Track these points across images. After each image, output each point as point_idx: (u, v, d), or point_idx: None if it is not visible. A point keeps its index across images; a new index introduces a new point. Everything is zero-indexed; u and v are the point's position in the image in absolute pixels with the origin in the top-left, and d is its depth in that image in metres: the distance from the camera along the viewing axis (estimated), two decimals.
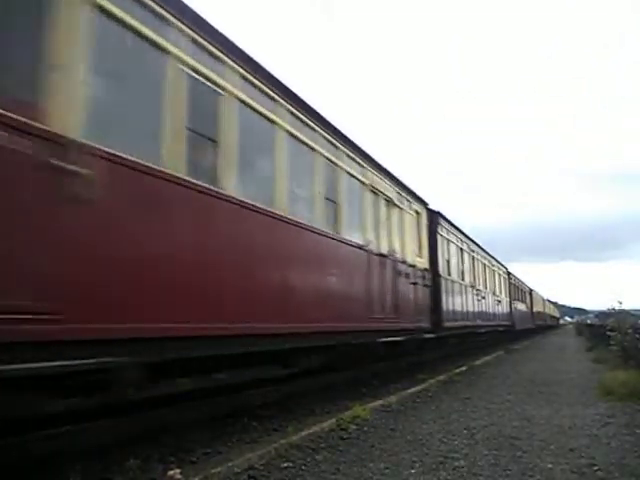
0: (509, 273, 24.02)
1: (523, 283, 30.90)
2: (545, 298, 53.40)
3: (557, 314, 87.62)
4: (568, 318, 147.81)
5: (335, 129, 6.64)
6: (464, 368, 10.64)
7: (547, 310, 54.51)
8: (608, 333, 10.89)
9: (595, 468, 3.63)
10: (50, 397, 3.23)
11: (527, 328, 29.26)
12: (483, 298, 16.04)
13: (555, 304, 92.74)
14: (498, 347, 17.85)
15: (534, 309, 35.19)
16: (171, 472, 3.25)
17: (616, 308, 12.24)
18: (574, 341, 26.88)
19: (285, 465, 3.71)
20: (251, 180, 5.05)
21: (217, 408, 5.32)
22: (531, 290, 34.93)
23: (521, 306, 27.28)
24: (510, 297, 22.85)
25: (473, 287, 14.85)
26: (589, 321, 44.06)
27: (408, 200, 9.66)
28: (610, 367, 9.75)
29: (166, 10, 3.82)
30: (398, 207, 8.94)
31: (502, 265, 22.32)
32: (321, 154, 6.22)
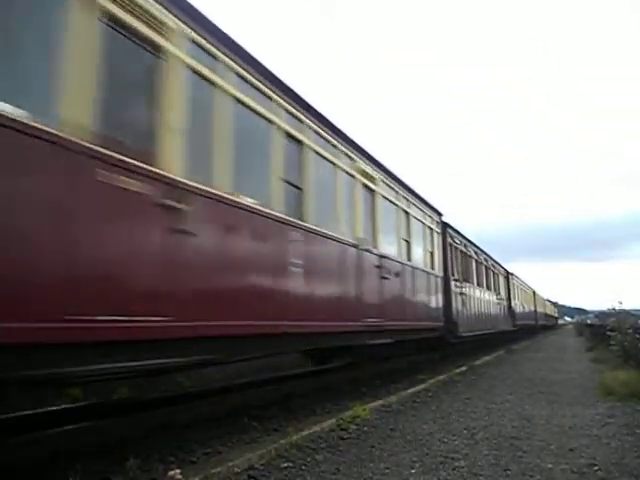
0: (446, 225, 12.25)
1: (488, 257, 18.36)
2: (536, 291, 39.24)
3: (555, 313, 78.48)
4: (568, 318, 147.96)
5: None
6: (464, 368, 10.64)
7: (541, 307, 42.20)
8: (608, 333, 10.91)
9: (595, 468, 3.63)
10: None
11: (497, 331, 17.61)
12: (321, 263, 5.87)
13: (555, 304, 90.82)
14: (498, 347, 17.84)
15: (516, 304, 24.21)
16: (171, 472, 3.25)
17: (616, 308, 12.28)
18: (574, 341, 26.88)
19: (285, 465, 3.71)
20: None
21: (217, 408, 5.33)
22: (509, 274, 23.72)
23: (481, 295, 15.74)
24: (447, 273, 11.70)
25: (286, 224, 5.15)
26: (589, 321, 44.04)
27: None
28: (610, 367, 9.75)
29: None
30: None
31: (433, 209, 11.32)
32: None
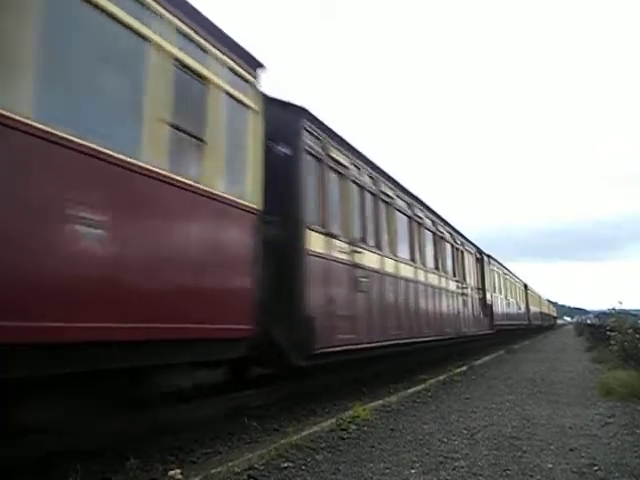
0: (299, 114, 5.78)
1: (442, 222, 12.62)
2: (528, 285, 31.25)
3: (554, 313, 71.56)
4: (568, 318, 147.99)
5: None
6: (464, 368, 10.64)
7: (535, 305, 35.05)
8: (608, 333, 10.90)
9: (595, 468, 3.63)
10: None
11: (457, 337, 12.22)
12: None
13: (555, 304, 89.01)
14: (499, 347, 17.82)
15: (495, 297, 18.05)
16: (171, 472, 3.25)
17: (616, 308, 12.27)
18: (574, 341, 26.87)
19: (285, 465, 3.71)
20: None
21: (217, 408, 5.32)
22: (484, 255, 17.16)
23: (419, 276, 9.81)
24: (287, 210, 5.48)
25: None
26: (589, 321, 44.05)
27: None
28: (610, 367, 9.75)
29: None
30: None
31: (232, 46, 4.45)
32: None
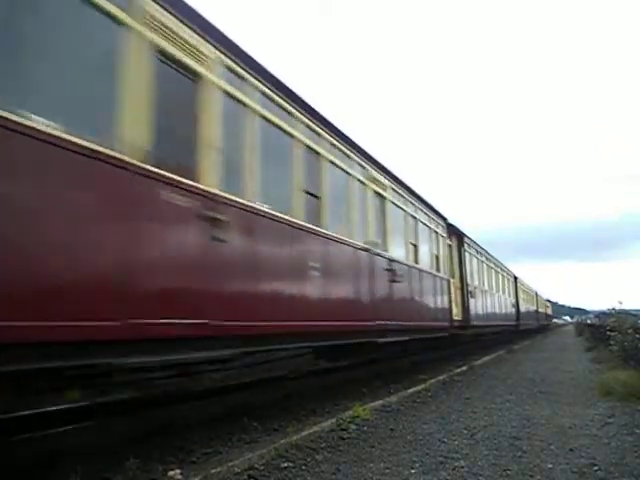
0: None
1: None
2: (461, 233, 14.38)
3: (548, 309, 64.22)
4: (568, 318, 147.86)
5: None
6: (464, 368, 10.64)
7: (499, 288, 20.54)
8: (608, 333, 10.90)
9: (595, 468, 3.63)
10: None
11: None
12: None
13: (555, 304, 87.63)
14: (499, 347, 17.83)
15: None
16: (171, 472, 3.25)
17: (616, 308, 12.27)
18: (574, 342, 26.85)
19: (285, 465, 3.71)
20: None
21: (217, 408, 5.33)
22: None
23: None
24: None
25: None
26: (589, 321, 43.93)
27: None
28: (610, 367, 9.75)
29: None
30: None
31: None
32: None
